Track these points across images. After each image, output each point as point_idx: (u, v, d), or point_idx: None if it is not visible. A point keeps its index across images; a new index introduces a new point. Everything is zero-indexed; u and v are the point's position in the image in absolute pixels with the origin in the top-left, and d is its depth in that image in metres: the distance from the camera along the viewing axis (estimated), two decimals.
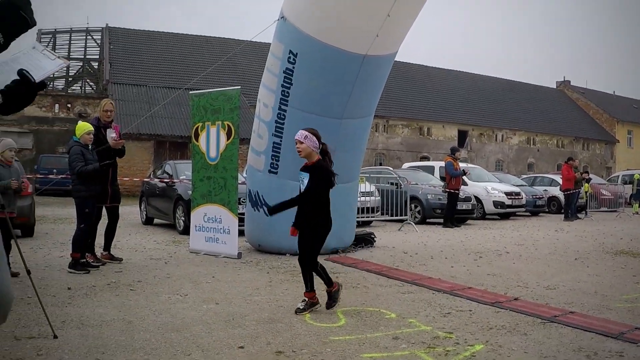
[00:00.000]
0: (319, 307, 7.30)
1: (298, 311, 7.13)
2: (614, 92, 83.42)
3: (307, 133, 7.35)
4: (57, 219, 19.96)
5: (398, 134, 54.51)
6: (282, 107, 11.50)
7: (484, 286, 9.09)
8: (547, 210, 30.24)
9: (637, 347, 5.93)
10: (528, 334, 6.38)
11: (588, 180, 28.68)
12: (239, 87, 12.31)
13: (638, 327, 6.64)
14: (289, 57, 11.27)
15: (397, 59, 12.22)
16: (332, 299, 7.36)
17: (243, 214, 12.75)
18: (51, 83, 54.86)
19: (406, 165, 30.44)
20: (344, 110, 11.55)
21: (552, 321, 6.91)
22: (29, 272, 6.22)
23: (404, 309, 7.46)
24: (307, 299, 7.30)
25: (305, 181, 7.32)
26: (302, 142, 7.31)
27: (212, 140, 12.00)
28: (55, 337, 5.86)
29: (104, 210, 10.83)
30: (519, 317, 7.14)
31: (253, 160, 12.39)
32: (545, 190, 30.87)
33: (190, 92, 13.06)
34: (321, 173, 7.30)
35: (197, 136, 12.31)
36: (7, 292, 3.32)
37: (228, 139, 11.71)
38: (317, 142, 7.34)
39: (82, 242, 10.11)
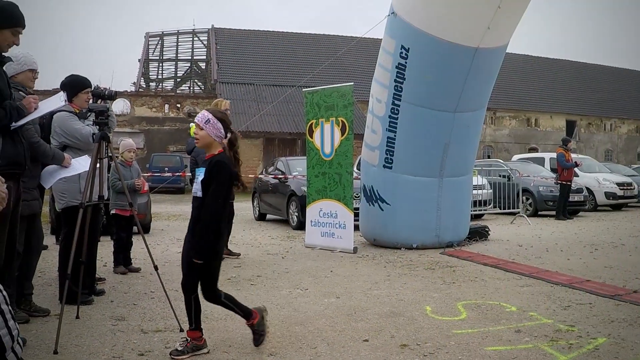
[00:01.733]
0: (205, 352, 5.50)
1: (174, 353, 5.35)
2: None
3: (210, 116, 5.44)
4: (171, 215, 20.50)
5: (506, 125, 53.88)
6: (396, 102, 11.58)
7: (602, 279, 8.96)
8: None
9: None
10: None
11: None
12: (352, 83, 12.43)
13: None
14: (401, 52, 11.34)
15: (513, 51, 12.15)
16: (258, 333, 5.66)
17: (358, 208, 12.81)
18: (160, 84, 56.49)
19: (516, 157, 30.06)
20: (457, 103, 11.56)
21: None
22: (156, 268, 6.36)
23: (523, 302, 7.42)
24: (189, 339, 5.48)
25: (199, 179, 5.42)
26: (201, 129, 5.42)
27: (326, 137, 12.17)
28: (181, 330, 6.02)
29: None
30: None
31: (367, 155, 12.51)
32: None
33: (304, 89, 13.24)
34: (221, 171, 5.32)
35: (311, 133, 12.50)
36: None
37: (342, 135, 11.86)
38: (222, 130, 5.44)
39: None
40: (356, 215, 12.42)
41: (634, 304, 7.31)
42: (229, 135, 5.53)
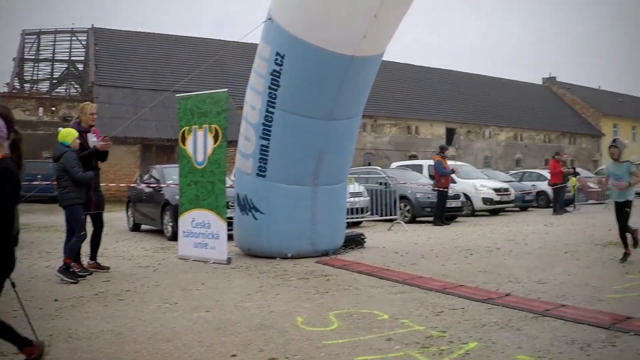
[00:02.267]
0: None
1: None
2: (599, 86, 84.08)
3: None
4: (42, 227, 19.65)
5: (386, 133, 54.55)
6: (270, 109, 11.41)
7: (476, 283, 9.09)
8: (535, 205, 30.27)
9: (629, 335, 6.06)
10: (521, 329, 6.42)
11: (575, 174, 28.80)
12: (227, 89, 12.18)
13: (629, 317, 6.74)
14: (276, 59, 11.19)
15: (383, 57, 12.17)
16: None
17: (232, 218, 12.54)
18: (35, 86, 54.53)
19: (394, 164, 30.42)
20: (332, 111, 11.49)
21: (545, 315, 6.97)
22: (13, 285, 5.93)
23: (396, 310, 7.41)
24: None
25: None
26: None
27: (199, 144, 11.87)
28: None
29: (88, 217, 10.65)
30: (512, 312, 7.18)
31: (241, 164, 12.28)
32: (534, 185, 30.93)
33: (177, 95, 12.91)
34: (8, 181, 4.62)
35: (183, 140, 12.16)
36: None
37: (215, 143, 11.60)
38: (3, 129, 4.74)
39: (77, 250, 10.06)
40: (230, 224, 12.20)
41: (506, 307, 7.46)
42: (12, 135, 4.81)
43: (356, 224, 19.35)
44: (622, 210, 11.37)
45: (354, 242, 13.58)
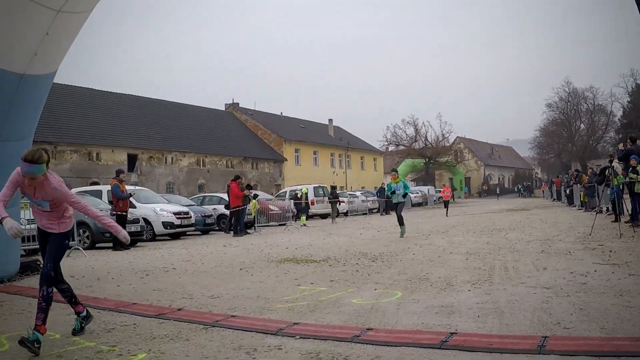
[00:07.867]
0: None
1: None
2: (281, 113, 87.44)
3: None
4: None
5: (67, 160, 52.96)
6: None
7: (149, 301, 9.23)
8: (217, 228, 30.92)
9: (295, 339, 6.43)
10: (190, 339, 6.64)
11: (255, 197, 29.91)
12: None
13: (296, 323, 7.18)
14: None
15: (63, 82, 12.02)
16: None
17: None
18: None
19: (74, 190, 29.77)
20: (2, 131, 11.07)
21: (214, 325, 7.23)
22: None
23: (68, 329, 7.37)
24: None
25: None
26: None
27: None
28: None
29: None
30: (182, 325, 7.38)
31: None
32: (215, 208, 31.57)
33: None
34: None
35: None
36: None
37: None
38: None
39: None
40: None
41: (177, 320, 7.66)
42: None
43: (36, 251, 18.75)
44: None
45: (30, 268, 13.24)
